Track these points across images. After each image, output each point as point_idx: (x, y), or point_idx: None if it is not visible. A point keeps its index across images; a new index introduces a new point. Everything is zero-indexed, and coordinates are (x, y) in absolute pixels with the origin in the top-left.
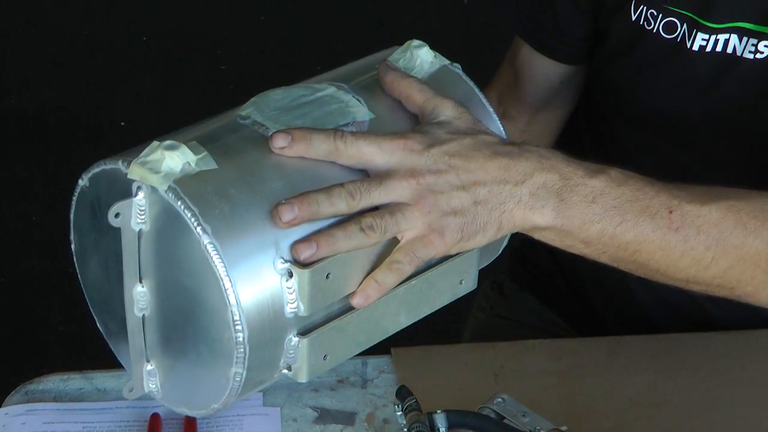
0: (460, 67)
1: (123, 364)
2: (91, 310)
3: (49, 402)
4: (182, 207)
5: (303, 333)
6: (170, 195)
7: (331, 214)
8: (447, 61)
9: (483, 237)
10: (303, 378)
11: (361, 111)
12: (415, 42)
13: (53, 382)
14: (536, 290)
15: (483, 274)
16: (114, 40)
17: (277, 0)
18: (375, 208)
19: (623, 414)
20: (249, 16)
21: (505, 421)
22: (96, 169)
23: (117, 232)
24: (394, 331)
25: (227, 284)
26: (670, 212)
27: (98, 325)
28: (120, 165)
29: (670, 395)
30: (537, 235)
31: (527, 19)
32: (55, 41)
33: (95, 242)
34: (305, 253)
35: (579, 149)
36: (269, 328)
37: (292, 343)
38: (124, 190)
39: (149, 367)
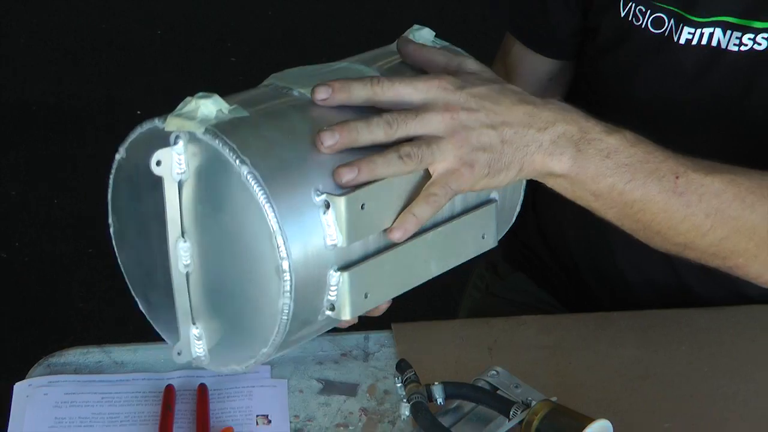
0: (462, 51)
1: (164, 337)
2: (131, 289)
3: (69, 374)
4: (220, 144)
5: (344, 268)
6: (208, 135)
7: (370, 142)
8: (447, 44)
9: (506, 176)
10: (347, 315)
11: (375, 74)
12: (416, 26)
13: (74, 355)
14: (528, 270)
15: (478, 255)
16: (130, 33)
17: None
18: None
19: (610, 385)
20: (257, 12)
21: (498, 392)
22: (133, 136)
23: (157, 194)
24: (426, 279)
25: (269, 211)
26: (677, 177)
27: (139, 302)
28: (157, 122)
29: (654, 368)
30: (551, 183)
31: (518, 16)
32: (73, 34)
33: (134, 213)
34: (347, 176)
35: None
36: (311, 258)
37: (334, 279)
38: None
39: (196, 331)
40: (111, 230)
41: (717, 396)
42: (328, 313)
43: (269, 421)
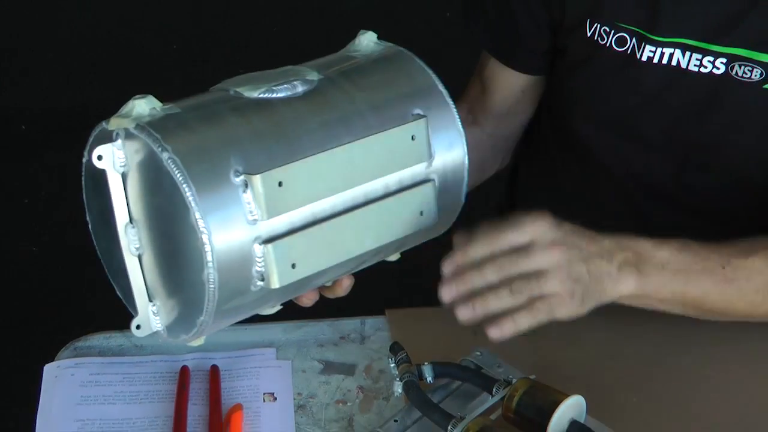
0: (414, 54)
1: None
2: (110, 279)
3: (94, 356)
4: (145, 136)
5: (268, 241)
6: (137, 129)
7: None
8: (390, 44)
9: (589, 304)
10: (275, 284)
11: (311, 73)
12: (362, 31)
13: (98, 339)
14: None
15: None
16: (148, 46)
17: (288, 14)
18: None
19: (583, 364)
20: (264, 28)
21: (482, 371)
22: (90, 139)
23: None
24: (361, 252)
25: (186, 191)
26: (723, 268)
27: (116, 288)
28: (103, 124)
29: (623, 348)
30: (622, 300)
31: (494, 35)
32: (97, 47)
33: (99, 209)
34: (466, 315)
35: (545, 149)
36: (233, 233)
37: (259, 251)
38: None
39: (153, 307)
40: (90, 227)
41: (681, 372)
42: (260, 283)
43: (275, 398)
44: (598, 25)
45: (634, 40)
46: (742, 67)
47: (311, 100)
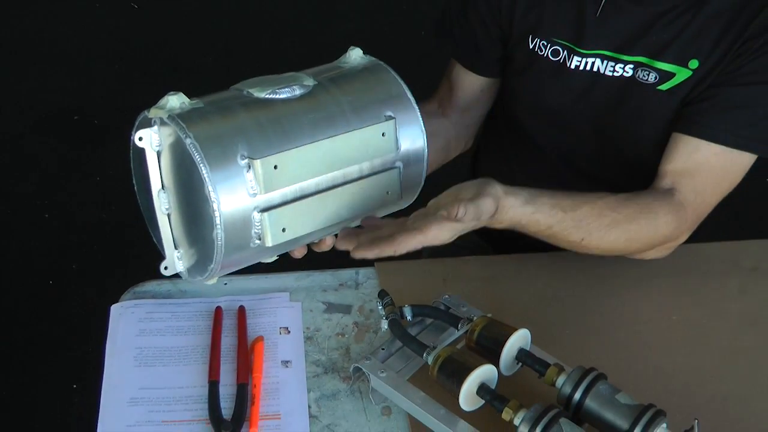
0: (390, 67)
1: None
2: (149, 230)
3: (149, 299)
4: (175, 124)
5: (264, 210)
6: (170, 119)
7: None
8: (374, 59)
9: None
10: (268, 243)
11: (308, 80)
12: (352, 47)
13: (151, 285)
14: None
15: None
16: (188, 58)
17: (289, 36)
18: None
19: (529, 305)
20: (281, 51)
21: (450, 310)
22: (135, 124)
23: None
24: (338, 221)
25: (203, 169)
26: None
27: (153, 237)
28: (145, 113)
29: (560, 292)
30: None
31: (459, 47)
32: (143, 61)
33: (141, 177)
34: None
35: (499, 135)
36: (238, 203)
37: (257, 218)
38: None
39: (177, 254)
40: (135, 190)
41: (604, 309)
42: (257, 242)
43: (288, 331)
44: (538, 40)
45: (565, 52)
46: (643, 72)
47: (305, 102)
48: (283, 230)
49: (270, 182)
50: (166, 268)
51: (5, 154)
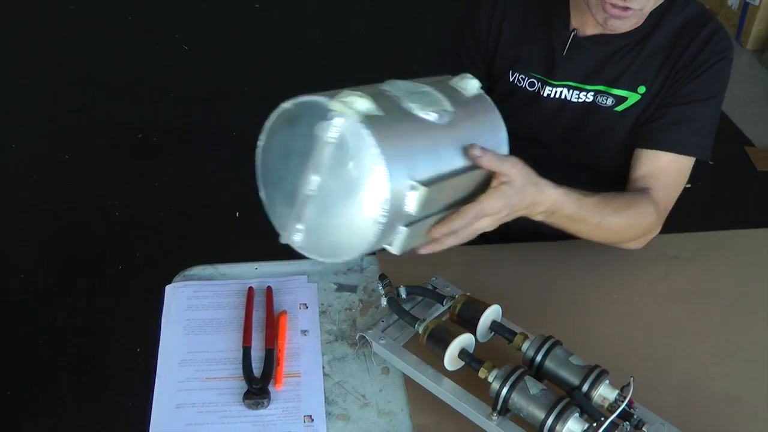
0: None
1: (274, 223)
2: (260, 184)
3: (195, 281)
4: (368, 132)
5: (406, 225)
6: (362, 124)
7: None
8: (484, 93)
9: None
10: (396, 250)
11: (448, 105)
12: (468, 75)
13: (197, 270)
14: None
15: None
16: (225, 84)
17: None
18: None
19: (501, 285)
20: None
21: (437, 290)
22: (302, 99)
23: (307, 141)
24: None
25: (387, 182)
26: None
27: (262, 195)
28: (322, 100)
29: (527, 274)
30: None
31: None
32: (186, 89)
33: (283, 143)
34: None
35: None
36: (395, 213)
37: (400, 230)
38: (317, 115)
39: (299, 226)
40: (259, 143)
41: (561, 290)
42: (387, 246)
43: (307, 307)
44: (517, 74)
45: (539, 83)
46: (602, 97)
47: (452, 132)
48: (410, 242)
49: (424, 206)
50: (281, 236)
51: (83, 166)
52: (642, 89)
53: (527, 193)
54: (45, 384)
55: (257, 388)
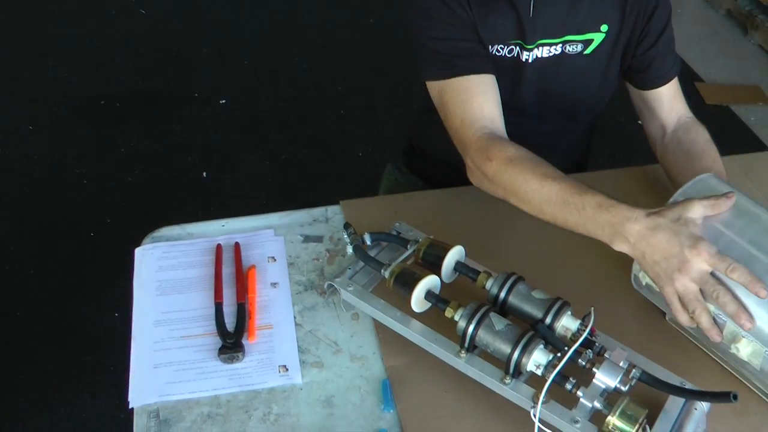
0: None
1: None
2: None
3: (164, 242)
4: None
5: None
6: None
7: None
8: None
9: None
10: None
11: None
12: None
13: (165, 231)
14: (417, 172)
15: (387, 159)
16: (186, 52)
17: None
18: None
19: (462, 227)
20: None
21: (401, 235)
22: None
23: None
24: None
25: None
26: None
27: None
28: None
29: (488, 215)
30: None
31: (469, 64)
32: (148, 55)
33: None
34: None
35: None
36: None
37: None
38: None
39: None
40: None
41: (520, 229)
42: None
43: (275, 260)
44: (497, 45)
45: (517, 48)
46: (570, 46)
47: None
48: None
49: None
50: None
51: (48, 135)
52: (605, 27)
53: None
54: (26, 354)
55: (231, 343)
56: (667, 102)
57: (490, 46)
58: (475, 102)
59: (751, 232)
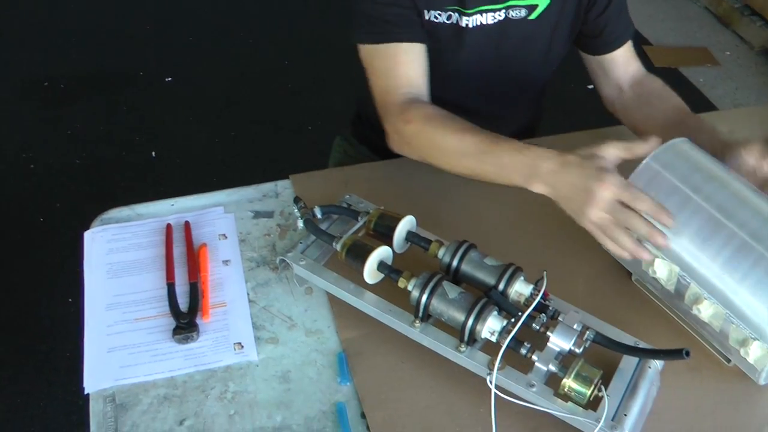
0: None
1: None
2: None
3: (113, 223)
4: None
5: None
6: None
7: None
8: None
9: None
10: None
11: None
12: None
13: (114, 213)
14: (366, 143)
15: (338, 131)
16: (126, 30)
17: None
18: None
19: (412, 197)
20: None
21: (351, 207)
22: None
23: None
24: None
25: None
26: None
27: None
28: None
29: (437, 184)
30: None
31: (402, 30)
32: (89, 35)
33: None
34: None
35: None
36: None
37: None
38: None
39: None
40: None
41: (470, 197)
42: None
43: (226, 237)
44: (433, 12)
45: (456, 15)
46: (514, 11)
47: None
48: None
49: None
50: None
51: None
52: None
53: None
54: None
55: (185, 323)
56: (623, 63)
57: (426, 12)
58: (401, 70)
59: (719, 198)
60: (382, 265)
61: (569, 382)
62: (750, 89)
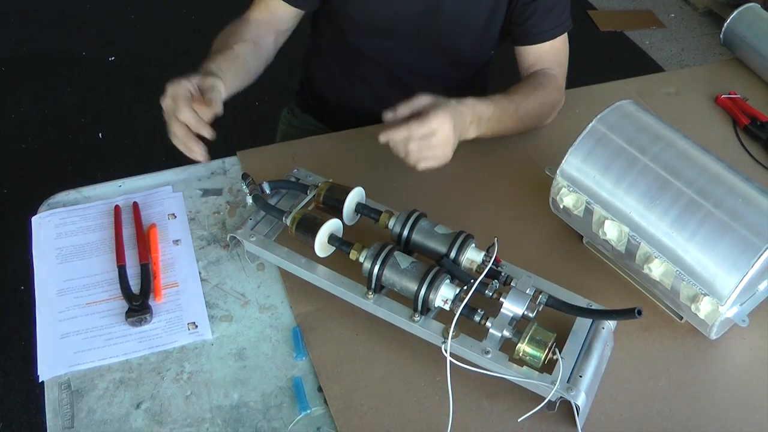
0: None
1: None
2: None
3: (60, 207)
4: None
5: None
6: None
7: None
8: None
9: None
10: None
11: None
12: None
13: (61, 196)
14: (311, 112)
15: (283, 102)
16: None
17: None
18: None
19: (361, 168)
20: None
21: (300, 181)
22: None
23: None
24: None
25: None
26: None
27: None
28: None
29: (384, 155)
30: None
31: None
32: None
33: None
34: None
35: (331, 51)
36: None
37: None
38: None
39: None
40: None
41: (421, 175)
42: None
43: (175, 216)
44: None
45: None
46: None
47: None
48: None
49: None
50: None
51: None
52: None
53: (452, 105)
54: None
55: (138, 305)
56: (534, 59)
57: None
58: (259, 10)
59: (665, 157)
60: (332, 238)
61: (523, 347)
62: (696, 50)
